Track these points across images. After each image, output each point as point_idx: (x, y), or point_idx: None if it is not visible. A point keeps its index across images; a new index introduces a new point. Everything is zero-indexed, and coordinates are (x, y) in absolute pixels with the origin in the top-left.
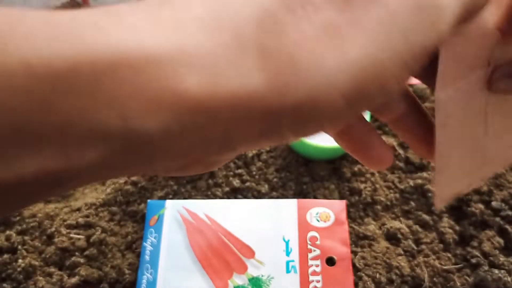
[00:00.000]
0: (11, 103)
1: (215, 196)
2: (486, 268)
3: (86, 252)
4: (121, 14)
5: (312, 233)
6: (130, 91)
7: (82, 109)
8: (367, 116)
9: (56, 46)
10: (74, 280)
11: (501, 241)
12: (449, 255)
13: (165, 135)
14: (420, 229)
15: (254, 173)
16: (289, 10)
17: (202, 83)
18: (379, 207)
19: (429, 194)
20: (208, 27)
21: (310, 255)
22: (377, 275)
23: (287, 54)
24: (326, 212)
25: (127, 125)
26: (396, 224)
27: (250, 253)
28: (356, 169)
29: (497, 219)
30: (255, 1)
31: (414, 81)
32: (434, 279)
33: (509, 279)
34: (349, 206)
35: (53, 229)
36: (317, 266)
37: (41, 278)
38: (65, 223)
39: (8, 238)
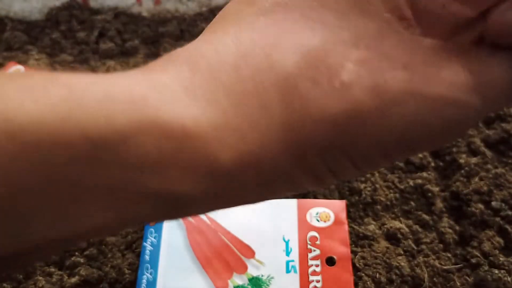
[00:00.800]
0: (71, 170)
1: None
2: (486, 268)
3: (86, 252)
4: (165, 85)
5: (312, 233)
6: (171, 161)
7: (131, 174)
8: None
9: (111, 119)
10: (74, 280)
11: (501, 241)
12: (449, 255)
13: (200, 196)
14: (420, 229)
15: None
16: (314, 83)
17: (231, 155)
18: (379, 207)
19: (429, 194)
20: (235, 98)
21: (310, 255)
22: (377, 275)
23: (308, 130)
24: (326, 212)
25: (168, 188)
26: (396, 224)
27: (250, 253)
28: None
29: (497, 219)
30: (276, 65)
31: None
32: (434, 279)
33: (509, 279)
34: (349, 206)
35: None
36: (317, 266)
37: (41, 278)
38: None
39: None
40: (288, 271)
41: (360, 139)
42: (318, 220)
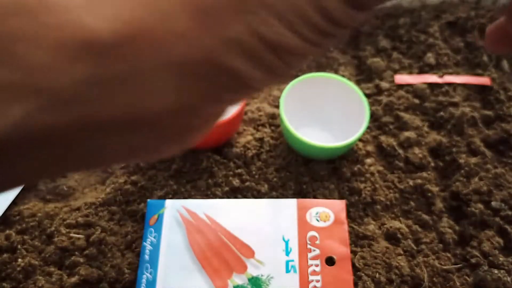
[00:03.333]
0: None
1: (215, 196)
2: (486, 268)
3: (86, 252)
4: None
5: (311, 233)
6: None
7: None
8: (366, 115)
9: None
10: (73, 279)
11: (501, 241)
12: (449, 255)
13: (79, 88)
14: (419, 229)
15: (253, 173)
16: None
17: (108, 24)
18: (378, 207)
19: (429, 194)
20: None
21: (309, 255)
22: (377, 275)
23: None
24: (326, 212)
25: (35, 81)
26: (396, 224)
27: (250, 252)
28: (356, 169)
29: (497, 219)
30: None
31: (414, 80)
32: (434, 279)
33: (508, 279)
34: (348, 206)
35: (52, 229)
36: (316, 266)
37: (40, 277)
38: (64, 222)
39: (7, 238)
40: (287, 270)
41: None
42: (318, 220)
